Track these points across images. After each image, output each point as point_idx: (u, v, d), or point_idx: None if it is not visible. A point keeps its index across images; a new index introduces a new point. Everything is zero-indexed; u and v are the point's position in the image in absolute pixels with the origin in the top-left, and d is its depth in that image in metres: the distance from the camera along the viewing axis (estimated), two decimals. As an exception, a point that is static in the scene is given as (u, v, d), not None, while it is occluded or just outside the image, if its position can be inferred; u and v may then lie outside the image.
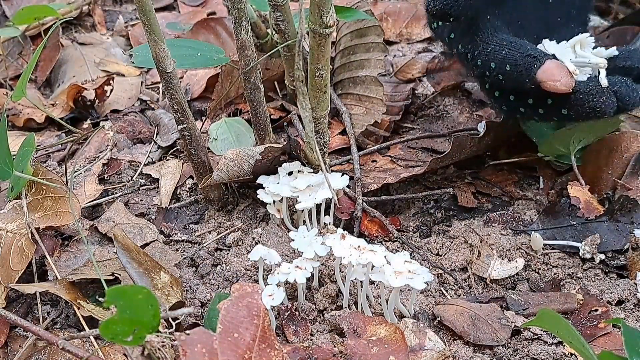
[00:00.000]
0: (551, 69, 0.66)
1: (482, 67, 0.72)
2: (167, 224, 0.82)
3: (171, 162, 0.91)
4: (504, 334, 0.64)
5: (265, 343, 0.55)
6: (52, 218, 0.71)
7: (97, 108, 1.05)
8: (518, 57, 0.68)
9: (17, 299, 0.72)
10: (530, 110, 0.73)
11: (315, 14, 0.58)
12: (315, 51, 0.62)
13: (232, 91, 0.99)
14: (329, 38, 0.60)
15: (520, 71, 0.68)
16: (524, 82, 0.68)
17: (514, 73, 0.69)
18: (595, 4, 1.32)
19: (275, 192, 0.74)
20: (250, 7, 0.87)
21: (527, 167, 0.88)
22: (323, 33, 0.59)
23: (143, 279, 0.66)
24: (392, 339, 0.61)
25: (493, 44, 0.71)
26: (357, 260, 0.62)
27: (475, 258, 0.74)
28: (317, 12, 0.58)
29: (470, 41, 0.73)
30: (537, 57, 0.68)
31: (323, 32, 0.59)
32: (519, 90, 0.72)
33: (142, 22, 0.64)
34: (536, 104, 0.72)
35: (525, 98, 0.73)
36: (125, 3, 1.41)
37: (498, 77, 0.70)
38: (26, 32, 1.20)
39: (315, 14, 0.58)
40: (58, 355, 0.63)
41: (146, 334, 0.51)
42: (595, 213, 0.76)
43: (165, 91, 0.71)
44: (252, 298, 0.56)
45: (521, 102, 0.73)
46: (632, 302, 0.68)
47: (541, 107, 0.71)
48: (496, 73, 0.70)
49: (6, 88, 1.11)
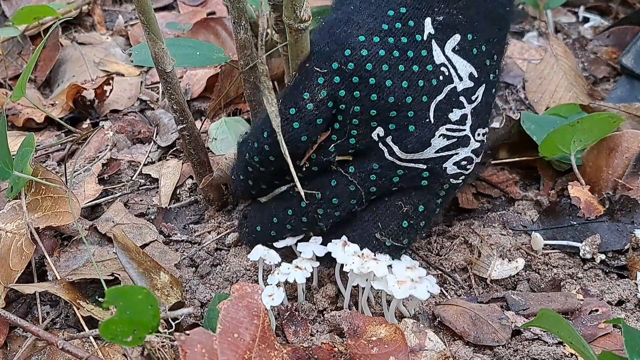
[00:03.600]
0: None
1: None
2: (166, 224, 0.82)
3: (171, 162, 0.91)
4: (504, 334, 0.64)
5: (265, 343, 0.55)
6: (51, 218, 0.71)
7: (97, 108, 1.05)
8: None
9: (17, 299, 0.71)
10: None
11: (289, 8, 0.58)
12: (293, 47, 0.62)
13: (231, 91, 0.99)
14: (306, 33, 0.60)
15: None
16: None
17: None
18: (595, 4, 1.33)
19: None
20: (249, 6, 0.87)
21: (527, 167, 0.88)
22: (298, 28, 0.59)
23: (143, 279, 0.66)
24: (392, 339, 0.61)
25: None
26: (359, 269, 0.61)
27: (475, 258, 0.74)
28: (290, 7, 0.58)
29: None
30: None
31: (298, 26, 0.59)
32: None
33: (141, 22, 0.64)
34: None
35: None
36: (125, 3, 1.41)
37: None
38: (26, 32, 1.20)
39: (289, 8, 0.58)
40: (58, 355, 0.63)
41: (146, 334, 0.51)
42: (595, 213, 0.76)
43: (164, 91, 0.71)
44: (252, 298, 0.56)
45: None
46: (632, 303, 0.68)
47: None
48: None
49: (6, 88, 1.11)
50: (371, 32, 0.62)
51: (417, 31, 0.62)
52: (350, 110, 0.62)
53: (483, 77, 0.66)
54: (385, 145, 0.64)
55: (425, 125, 0.63)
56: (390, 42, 0.62)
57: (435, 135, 0.64)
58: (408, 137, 0.63)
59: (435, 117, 0.64)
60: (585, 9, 1.32)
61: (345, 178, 0.65)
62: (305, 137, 0.62)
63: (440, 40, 0.63)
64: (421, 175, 0.66)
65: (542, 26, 1.23)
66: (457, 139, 0.65)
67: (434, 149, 0.64)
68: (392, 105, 0.62)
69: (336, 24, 0.63)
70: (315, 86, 0.61)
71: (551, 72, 1.06)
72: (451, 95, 0.64)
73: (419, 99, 0.62)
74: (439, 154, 0.65)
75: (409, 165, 0.65)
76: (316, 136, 0.63)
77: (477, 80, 0.66)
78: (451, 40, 0.64)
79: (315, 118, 0.62)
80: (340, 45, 0.61)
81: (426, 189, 0.67)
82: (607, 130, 0.81)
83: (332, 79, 0.61)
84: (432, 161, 0.65)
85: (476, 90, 0.66)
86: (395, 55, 0.62)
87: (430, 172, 0.66)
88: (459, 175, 0.67)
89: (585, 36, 1.23)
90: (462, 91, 0.65)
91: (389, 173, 0.65)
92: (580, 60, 1.15)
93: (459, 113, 0.65)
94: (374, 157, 0.65)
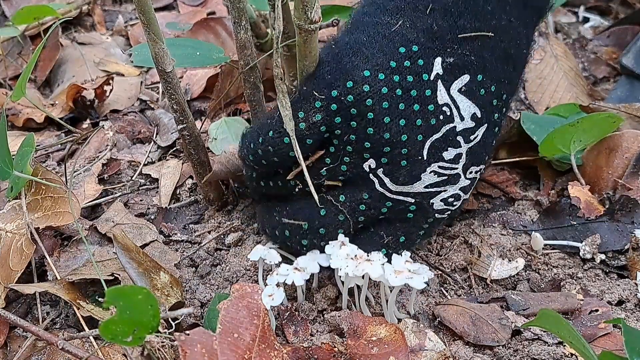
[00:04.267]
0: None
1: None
2: (166, 224, 0.82)
3: (171, 162, 0.91)
4: (504, 334, 0.64)
5: (265, 343, 0.55)
6: (51, 218, 0.71)
7: (97, 108, 1.05)
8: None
9: (17, 299, 0.71)
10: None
11: (300, 9, 0.58)
12: (301, 47, 0.62)
13: (231, 91, 0.99)
14: (315, 34, 0.60)
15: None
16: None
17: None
18: (595, 4, 1.33)
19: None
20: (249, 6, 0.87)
21: (527, 167, 0.88)
22: (308, 29, 0.59)
23: (143, 279, 0.66)
24: (392, 339, 0.61)
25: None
26: (353, 272, 0.61)
27: (475, 258, 0.74)
28: (301, 8, 0.57)
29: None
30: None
31: (308, 27, 0.59)
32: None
33: (141, 22, 0.64)
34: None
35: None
36: (125, 3, 1.41)
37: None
38: (26, 32, 1.20)
39: (300, 9, 0.58)
40: (57, 355, 0.63)
41: (146, 334, 0.51)
42: (595, 213, 0.76)
43: (164, 91, 0.71)
44: (252, 298, 0.56)
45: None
46: (632, 302, 0.68)
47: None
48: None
49: (6, 88, 1.11)
50: (377, 68, 0.61)
51: (425, 70, 0.62)
52: (345, 137, 0.63)
53: (486, 117, 0.66)
54: (376, 176, 0.64)
55: (417, 162, 0.64)
56: (395, 80, 0.61)
57: (426, 171, 0.64)
58: (399, 170, 0.64)
59: (429, 154, 0.64)
60: (585, 9, 1.32)
61: (335, 207, 0.66)
62: (293, 153, 0.62)
63: (446, 81, 0.63)
64: (408, 209, 0.66)
65: (542, 26, 1.23)
66: (448, 176, 0.66)
67: (423, 184, 0.65)
68: (387, 142, 0.62)
69: (345, 51, 0.63)
70: (311, 108, 0.62)
71: (551, 72, 1.06)
72: (449, 134, 0.64)
73: (414, 137, 0.63)
74: (428, 189, 0.65)
75: (398, 198, 0.66)
76: (305, 154, 0.63)
77: (480, 120, 0.65)
78: (459, 80, 0.63)
79: (305, 138, 0.62)
80: (343, 75, 0.61)
81: (411, 222, 0.68)
82: (607, 130, 0.81)
83: (329, 106, 0.62)
84: (420, 196, 0.66)
85: (476, 130, 0.65)
86: (398, 94, 0.62)
87: (418, 206, 0.66)
88: (444, 210, 0.68)
89: (585, 36, 1.23)
90: (461, 131, 0.64)
91: (378, 204, 0.66)
92: (580, 60, 1.16)
93: (453, 152, 0.65)
94: (364, 187, 0.65)
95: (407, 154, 0.63)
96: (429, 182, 0.65)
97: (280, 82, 0.60)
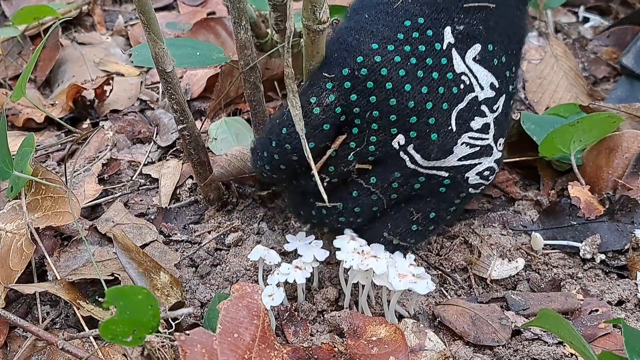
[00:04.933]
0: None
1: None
2: (166, 224, 0.82)
3: (171, 162, 0.91)
4: (504, 334, 0.64)
5: (265, 343, 0.55)
6: (51, 218, 0.71)
7: (97, 108, 1.05)
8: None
9: (17, 299, 0.71)
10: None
11: (309, 9, 0.58)
12: (309, 48, 0.61)
13: (231, 91, 0.99)
14: (323, 34, 0.60)
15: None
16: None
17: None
18: (595, 4, 1.33)
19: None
20: (250, 6, 0.87)
21: (527, 167, 0.88)
22: (317, 29, 0.59)
23: (143, 279, 0.66)
24: (392, 339, 0.61)
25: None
26: (358, 266, 0.61)
27: (475, 258, 0.74)
28: (310, 8, 0.57)
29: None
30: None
31: (317, 28, 0.59)
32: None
33: (141, 22, 0.64)
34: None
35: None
36: (125, 3, 1.41)
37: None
38: (26, 32, 1.20)
39: (309, 9, 0.58)
40: (57, 355, 0.63)
41: (146, 335, 0.51)
42: (595, 213, 0.76)
43: (164, 91, 0.71)
44: (252, 298, 0.56)
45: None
46: (632, 302, 0.68)
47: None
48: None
49: (6, 88, 1.11)
50: (385, 40, 0.60)
51: (436, 40, 0.61)
52: (367, 114, 0.61)
53: (503, 88, 0.65)
54: (406, 153, 0.63)
55: (447, 134, 0.62)
56: (407, 49, 0.60)
57: (457, 143, 0.63)
58: (430, 145, 0.62)
59: (457, 125, 0.63)
60: (585, 9, 1.32)
61: (367, 189, 0.65)
62: (312, 143, 0.61)
63: (460, 50, 0.62)
64: (442, 183, 0.65)
65: (542, 26, 1.23)
66: (480, 147, 0.64)
67: (456, 157, 0.63)
68: (412, 111, 0.61)
69: (348, 32, 0.62)
70: (322, 91, 0.61)
71: (551, 72, 1.06)
72: (473, 104, 0.63)
73: (439, 105, 0.61)
74: (462, 162, 0.64)
75: (430, 173, 0.64)
76: (323, 142, 0.62)
77: (499, 90, 0.65)
78: (472, 49, 0.63)
79: (322, 123, 0.61)
80: (351, 52, 0.60)
81: (443, 197, 0.67)
82: (607, 130, 0.81)
83: (341, 84, 0.60)
84: (454, 169, 0.64)
85: (497, 100, 0.65)
86: (413, 62, 0.60)
87: (452, 180, 0.65)
88: (479, 185, 0.67)
89: (585, 36, 1.23)
90: (484, 100, 0.64)
91: (410, 181, 0.64)
92: (580, 60, 1.15)
93: (481, 121, 0.64)
94: (395, 166, 0.64)
95: (436, 124, 0.61)
96: (462, 155, 0.63)
97: (290, 81, 0.59)
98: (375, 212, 0.66)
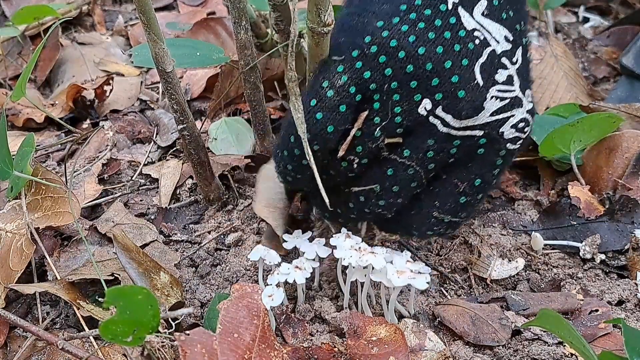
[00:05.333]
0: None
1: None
2: (166, 224, 0.82)
3: (171, 162, 0.91)
4: (504, 334, 0.64)
5: (265, 343, 0.55)
6: (51, 218, 0.71)
7: (97, 108, 1.05)
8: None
9: (17, 299, 0.71)
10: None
11: (314, 12, 0.58)
12: (313, 50, 0.61)
13: (231, 91, 0.99)
14: (327, 37, 0.60)
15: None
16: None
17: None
18: (595, 4, 1.33)
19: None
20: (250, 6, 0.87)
21: (527, 167, 0.88)
22: (321, 32, 0.59)
23: (143, 279, 0.66)
24: (392, 339, 0.61)
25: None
26: (357, 262, 0.61)
27: (475, 258, 0.74)
28: (315, 11, 0.57)
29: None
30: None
31: (321, 30, 0.59)
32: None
33: (141, 22, 0.64)
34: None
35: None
36: (125, 3, 1.41)
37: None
38: (26, 32, 1.20)
39: (314, 12, 0.58)
40: (58, 355, 0.63)
41: (146, 335, 0.51)
42: (595, 213, 0.76)
43: (164, 91, 0.71)
44: (252, 298, 0.56)
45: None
46: (632, 302, 0.68)
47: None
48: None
49: (6, 88, 1.11)
50: (389, 15, 0.59)
51: (440, 2, 0.60)
52: (385, 87, 0.60)
53: (518, 40, 0.64)
54: (436, 117, 0.61)
55: (474, 88, 0.60)
56: (412, 17, 0.59)
57: (487, 98, 0.61)
58: (459, 103, 0.60)
59: (483, 78, 0.61)
60: (585, 9, 1.32)
61: (401, 164, 0.62)
62: (331, 126, 0.60)
63: (467, 7, 0.60)
64: (478, 143, 0.63)
65: (542, 26, 1.23)
66: (510, 99, 0.62)
67: (488, 112, 0.61)
68: (432, 73, 0.59)
69: (350, 17, 0.61)
70: (334, 74, 0.60)
71: (551, 72, 1.06)
72: (492, 57, 0.61)
73: (458, 62, 0.59)
74: (494, 117, 0.62)
75: (465, 134, 0.62)
76: (343, 125, 0.61)
77: (514, 42, 0.63)
78: (478, 5, 0.61)
79: (337, 104, 0.60)
80: (356, 35, 0.60)
81: (483, 159, 0.64)
82: (607, 130, 0.81)
83: (353, 65, 0.59)
84: (488, 126, 0.62)
85: (515, 52, 0.63)
86: (421, 27, 0.59)
87: (488, 138, 0.62)
88: (516, 139, 0.64)
89: (585, 36, 1.23)
90: (502, 53, 0.62)
91: (445, 145, 0.62)
92: (580, 60, 1.15)
93: (504, 73, 0.62)
94: (426, 133, 0.61)
95: (460, 81, 0.60)
96: (493, 109, 0.61)
97: (293, 84, 0.59)
98: (415, 188, 0.64)
